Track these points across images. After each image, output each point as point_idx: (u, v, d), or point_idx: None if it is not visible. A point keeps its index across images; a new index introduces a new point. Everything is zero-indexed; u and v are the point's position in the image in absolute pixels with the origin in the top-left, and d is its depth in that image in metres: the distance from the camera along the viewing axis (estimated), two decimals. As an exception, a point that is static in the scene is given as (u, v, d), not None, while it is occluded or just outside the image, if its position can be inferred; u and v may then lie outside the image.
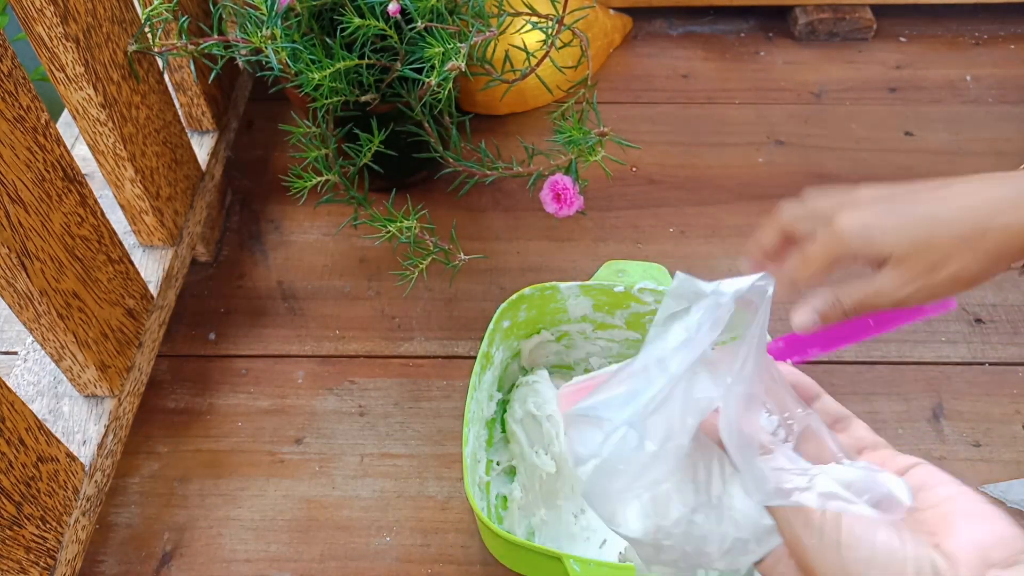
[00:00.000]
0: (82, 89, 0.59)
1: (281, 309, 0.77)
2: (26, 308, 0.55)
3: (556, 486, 0.63)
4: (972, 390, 0.71)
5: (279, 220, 0.84)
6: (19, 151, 0.51)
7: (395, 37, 0.64)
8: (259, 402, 0.71)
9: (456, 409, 0.71)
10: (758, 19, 1.04)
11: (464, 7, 0.66)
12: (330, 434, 0.69)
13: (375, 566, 0.62)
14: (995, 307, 0.77)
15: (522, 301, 0.63)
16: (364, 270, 0.80)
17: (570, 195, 0.67)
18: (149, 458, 0.68)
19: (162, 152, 0.70)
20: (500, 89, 0.72)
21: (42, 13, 0.54)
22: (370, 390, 0.72)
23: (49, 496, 0.54)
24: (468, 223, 0.83)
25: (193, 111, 0.79)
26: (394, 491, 0.66)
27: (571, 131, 0.68)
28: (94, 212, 0.60)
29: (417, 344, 0.75)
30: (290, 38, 0.63)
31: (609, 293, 0.64)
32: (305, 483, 0.67)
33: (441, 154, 0.74)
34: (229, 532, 0.64)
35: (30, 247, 0.52)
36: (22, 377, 0.64)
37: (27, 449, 0.52)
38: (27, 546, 0.52)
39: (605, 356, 0.69)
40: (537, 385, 0.66)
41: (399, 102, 0.72)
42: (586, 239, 0.82)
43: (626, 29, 1.01)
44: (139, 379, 0.67)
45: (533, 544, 0.55)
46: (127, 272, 0.64)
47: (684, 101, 0.96)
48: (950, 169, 0.87)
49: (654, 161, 0.89)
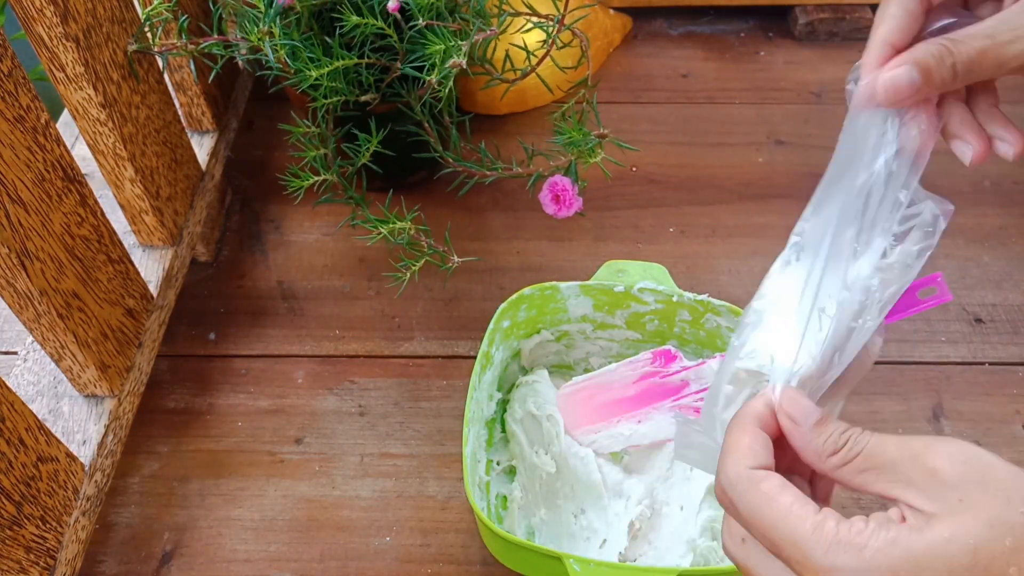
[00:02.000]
0: (82, 89, 0.59)
1: (281, 309, 0.77)
2: (26, 308, 0.55)
3: (556, 486, 0.63)
4: (972, 390, 0.71)
5: (279, 220, 0.84)
6: (19, 151, 0.51)
7: (394, 36, 0.64)
8: (259, 402, 0.71)
9: (456, 409, 0.71)
10: (758, 19, 1.04)
11: (464, 7, 0.66)
12: (330, 434, 0.69)
13: (375, 566, 0.62)
14: (995, 307, 0.77)
15: (522, 301, 0.63)
16: (364, 270, 0.80)
17: (569, 196, 0.67)
18: (149, 458, 0.68)
19: (162, 152, 0.70)
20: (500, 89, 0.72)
21: (42, 13, 0.54)
22: (370, 390, 0.72)
23: (49, 496, 0.54)
24: (468, 223, 0.83)
25: (193, 111, 0.79)
26: (394, 491, 0.66)
27: (571, 133, 0.68)
28: (94, 212, 0.60)
29: (417, 344, 0.75)
30: (289, 36, 0.63)
31: (609, 293, 0.64)
32: (305, 483, 0.67)
33: (441, 154, 0.74)
34: (229, 532, 0.64)
35: (30, 247, 0.52)
36: (22, 377, 0.64)
37: (27, 449, 0.52)
38: (27, 546, 0.52)
39: (605, 356, 0.69)
40: (537, 385, 0.66)
41: (399, 102, 0.72)
42: (586, 239, 0.82)
43: (626, 29, 1.01)
44: (139, 379, 0.67)
45: (533, 544, 0.55)
46: (127, 272, 0.64)
47: (684, 101, 0.96)
48: (950, 168, 0.87)
49: (654, 161, 0.89)
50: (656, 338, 0.67)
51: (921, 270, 0.37)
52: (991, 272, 0.79)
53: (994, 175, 0.87)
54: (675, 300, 0.63)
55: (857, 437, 0.32)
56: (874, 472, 0.31)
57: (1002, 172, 0.87)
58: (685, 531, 0.59)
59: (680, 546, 0.58)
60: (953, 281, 0.78)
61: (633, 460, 0.64)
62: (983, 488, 0.29)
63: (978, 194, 0.85)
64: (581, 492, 0.62)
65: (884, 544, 0.29)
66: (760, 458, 0.33)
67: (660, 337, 0.67)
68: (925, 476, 0.30)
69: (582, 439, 0.63)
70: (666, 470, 0.63)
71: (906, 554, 0.29)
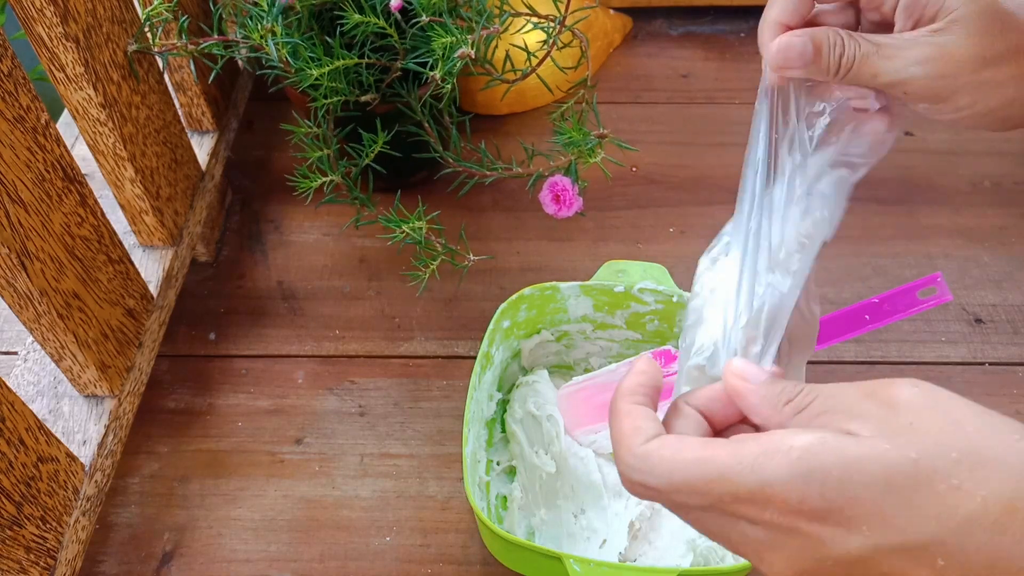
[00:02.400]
0: (82, 89, 0.59)
1: (281, 309, 0.77)
2: (26, 308, 0.55)
3: (556, 486, 0.63)
4: (972, 390, 0.71)
5: (279, 220, 0.84)
6: (19, 151, 0.51)
7: (395, 35, 0.64)
8: (259, 402, 0.71)
9: (456, 409, 0.71)
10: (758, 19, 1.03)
11: (465, 6, 0.66)
12: (330, 434, 0.69)
13: (375, 566, 0.62)
14: (995, 307, 0.77)
15: (522, 301, 0.63)
16: (364, 270, 0.80)
17: (569, 196, 0.67)
18: (149, 458, 0.68)
19: (162, 152, 0.70)
20: (500, 89, 0.72)
21: (42, 13, 0.54)
22: (370, 390, 0.72)
23: (49, 496, 0.54)
24: (468, 223, 0.83)
25: (193, 111, 0.79)
26: (394, 491, 0.66)
27: (571, 133, 0.68)
28: (94, 212, 0.60)
29: (417, 344, 0.75)
30: (290, 35, 0.63)
31: (609, 293, 0.64)
32: (305, 483, 0.67)
33: (441, 154, 0.74)
34: (229, 532, 0.64)
35: (30, 247, 0.52)
36: (22, 377, 0.64)
37: (27, 449, 0.52)
38: (27, 546, 0.52)
39: (605, 356, 0.69)
40: (537, 385, 0.66)
41: (399, 102, 0.72)
42: (586, 239, 0.82)
43: (626, 29, 1.01)
44: (139, 379, 0.67)
45: (533, 544, 0.55)
46: (127, 272, 0.64)
47: (684, 101, 0.96)
48: (950, 168, 0.87)
49: (654, 161, 0.89)
50: (656, 338, 0.67)
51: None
52: (991, 272, 0.79)
53: (994, 175, 0.87)
54: (675, 300, 0.63)
55: (812, 387, 0.31)
56: (830, 414, 0.29)
57: (1002, 172, 0.87)
58: (685, 531, 0.59)
59: (680, 546, 0.58)
60: (953, 281, 0.78)
61: (633, 460, 0.64)
62: (933, 412, 0.28)
63: (978, 194, 0.85)
64: (581, 492, 0.62)
65: (813, 442, 0.27)
66: (647, 431, 0.32)
67: (660, 337, 0.67)
68: (884, 408, 0.28)
69: (582, 439, 0.63)
70: (666, 470, 0.63)
71: (838, 456, 0.27)
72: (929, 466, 0.26)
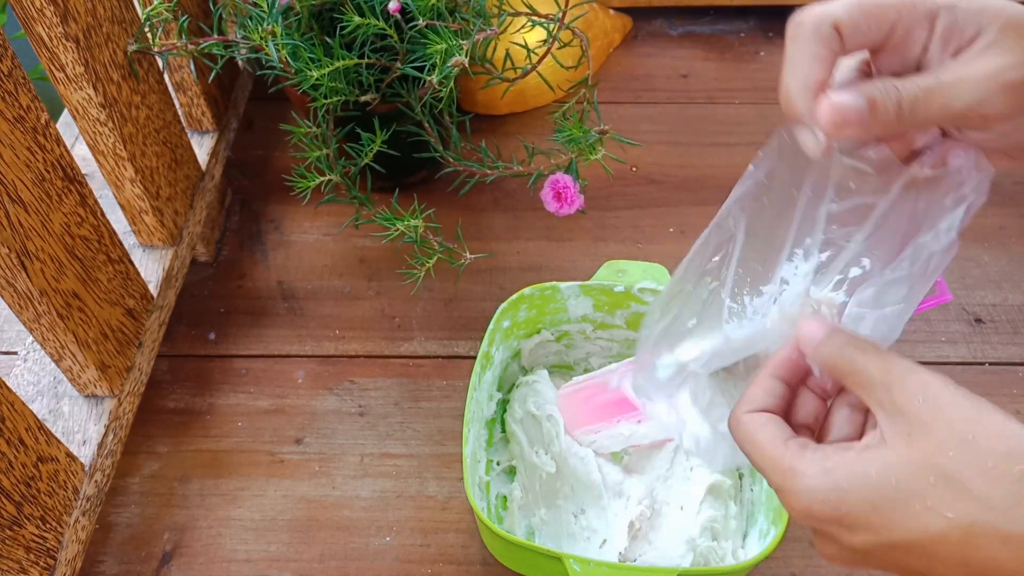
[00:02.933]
0: (82, 89, 0.59)
1: (281, 309, 0.77)
2: (26, 308, 0.55)
3: (556, 486, 0.63)
4: (972, 390, 0.71)
5: (279, 220, 0.84)
6: (19, 151, 0.51)
7: (395, 36, 0.64)
8: (259, 402, 0.71)
9: (456, 409, 0.71)
10: (758, 19, 1.04)
11: (464, 7, 0.66)
12: (330, 434, 0.69)
13: (375, 566, 0.62)
14: (995, 307, 0.77)
15: (522, 301, 0.63)
16: (364, 270, 0.80)
17: (571, 194, 0.67)
18: (149, 458, 0.68)
19: (162, 152, 0.70)
20: (500, 88, 0.72)
21: (42, 13, 0.54)
22: (370, 390, 0.72)
23: (49, 496, 0.54)
24: (468, 223, 0.83)
25: (193, 111, 0.79)
26: (394, 491, 0.66)
27: (571, 130, 0.68)
28: (94, 212, 0.60)
29: (417, 344, 0.75)
30: (290, 36, 0.63)
31: (609, 293, 0.64)
32: (305, 483, 0.67)
33: (441, 154, 0.74)
34: (229, 532, 0.64)
35: (30, 247, 0.52)
36: (22, 377, 0.64)
37: (27, 449, 0.52)
38: (27, 546, 0.52)
39: (605, 356, 0.69)
40: (537, 385, 0.66)
41: (399, 102, 0.72)
42: (586, 239, 0.82)
43: (626, 29, 1.01)
44: (139, 379, 0.67)
45: (533, 544, 0.55)
46: (127, 272, 0.64)
47: (684, 101, 0.96)
48: (950, 169, 0.87)
49: (654, 161, 0.89)
50: (656, 338, 0.67)
51: None
52: (991, 272, 0.79)
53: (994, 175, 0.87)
54: (675, 300, 0.63)
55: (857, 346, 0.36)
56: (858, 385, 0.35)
57: (1002, 172, 0.86)
58: (685, 531, 0.59)
59: (680, 546, 0.58)
60: (953, 281, 0.78)
61: (633, 460, 0.64)
62: (927, 430, 0.32)
63: (978, 194, 0.85)
64: (581, 492, 0.62)
65: (820, 472, 0.34)
66: (757, 402, 0.37)
67: (660, 337, 0.66)
68: (891, 407, 0.34)
69: (582, 439, 0.63)
70: (666, 470, 0.63)
71: (832, 482, 0.33)
72: (908, 489, 0.32)
